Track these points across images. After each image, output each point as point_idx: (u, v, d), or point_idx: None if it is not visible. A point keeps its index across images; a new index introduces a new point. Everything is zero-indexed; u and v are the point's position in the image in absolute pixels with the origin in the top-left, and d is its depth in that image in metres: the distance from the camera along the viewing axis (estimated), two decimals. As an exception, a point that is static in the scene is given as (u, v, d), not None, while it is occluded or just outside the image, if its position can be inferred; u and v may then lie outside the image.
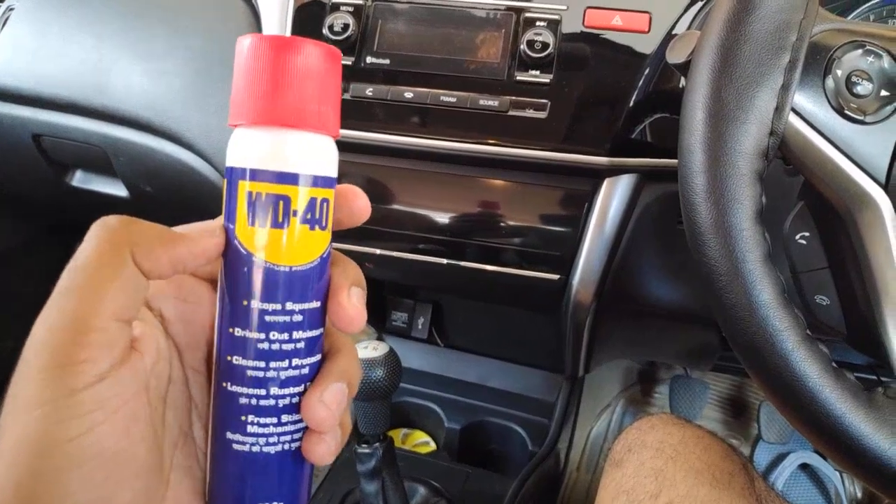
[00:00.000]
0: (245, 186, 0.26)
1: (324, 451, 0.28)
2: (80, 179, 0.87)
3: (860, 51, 0.38)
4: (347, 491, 0.78)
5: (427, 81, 0.61)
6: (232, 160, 0.27)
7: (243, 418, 0.27)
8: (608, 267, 0.63)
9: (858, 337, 0.42)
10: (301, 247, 0.27)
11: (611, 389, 1.23)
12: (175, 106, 0.71)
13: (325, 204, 0.27)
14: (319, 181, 0.27)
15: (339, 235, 0.29)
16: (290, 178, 0.26)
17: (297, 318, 0.27)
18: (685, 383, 1.21)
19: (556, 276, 0.65)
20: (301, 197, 0.26)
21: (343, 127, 0.62)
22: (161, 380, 0.27)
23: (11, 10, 0.78)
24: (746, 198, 0.37)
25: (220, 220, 0.27)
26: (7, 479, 0.22)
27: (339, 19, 0.62)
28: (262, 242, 0.26)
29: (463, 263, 0.66)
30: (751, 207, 0.37)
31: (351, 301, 0.28)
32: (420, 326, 0.91)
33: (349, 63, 0.62)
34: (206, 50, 0.71)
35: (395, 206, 0.66)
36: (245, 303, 0.26)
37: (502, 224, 0.64)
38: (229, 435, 0.27)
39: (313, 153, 0.27)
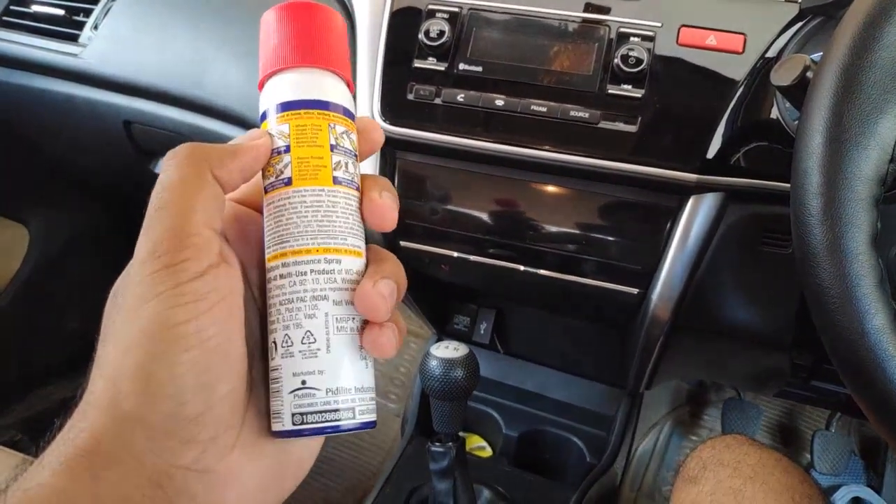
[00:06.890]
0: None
1: (385, 341, 0.29)
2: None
3: None
4: (413, 488, 0.79)
5: (518, 90, 0.61)
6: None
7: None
8: (688, 284, 0.63)
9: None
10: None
11: (659, 409, 1.22)
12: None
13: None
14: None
15: (415, 236, 0.30)
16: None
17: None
18: (738, 406, 1.20)
19: (634, 290, 0.65)
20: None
21: (434, 131, 0.64)
22: (244, 290, 0.29)
23: (112, 2, 0.82)
24: (863, 223, 0.37)
25: (262, 129, 0.31)
26: (127, 363, 0.25)
27: (434, 25, 0.63)
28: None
29: (541, 271, 0.67)
30: (867, 232, 0.37)
31: (382, 198, 0.30)
32: (482, 332, 0.92)
33: (442, 68, 0.63)
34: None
35: (477, 211, 0.67)
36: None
37: (584, 235, 0.64)
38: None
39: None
